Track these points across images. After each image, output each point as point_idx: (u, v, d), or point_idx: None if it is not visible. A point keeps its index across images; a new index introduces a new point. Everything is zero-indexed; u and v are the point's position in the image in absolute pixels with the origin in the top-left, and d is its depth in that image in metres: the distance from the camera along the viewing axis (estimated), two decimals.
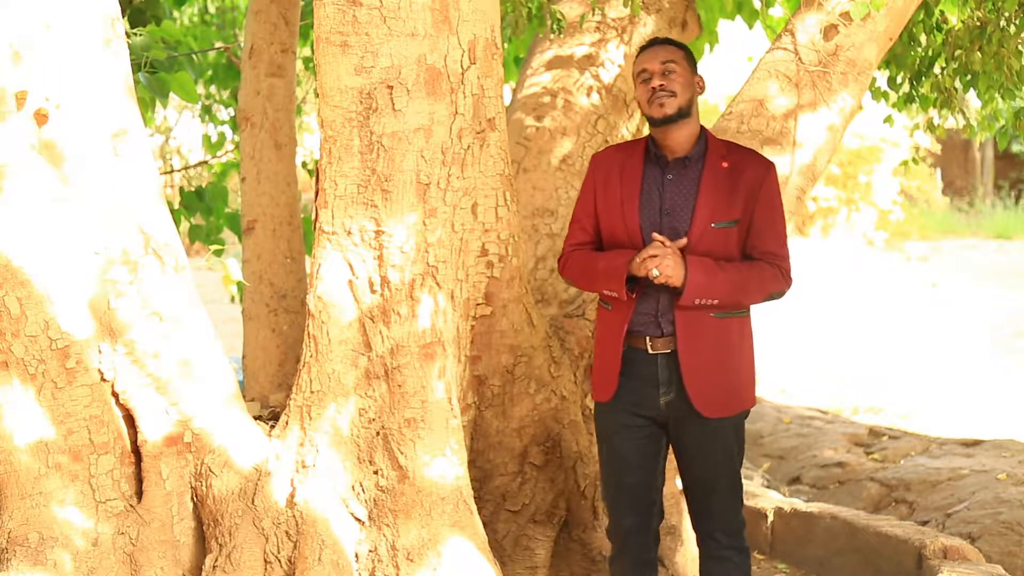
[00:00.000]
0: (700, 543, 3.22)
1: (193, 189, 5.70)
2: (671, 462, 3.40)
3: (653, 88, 3.02)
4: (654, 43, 3.13)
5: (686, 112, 3.04)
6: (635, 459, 3.16)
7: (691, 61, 3.10)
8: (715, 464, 3.13)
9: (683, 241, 3.00)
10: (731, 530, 3.17)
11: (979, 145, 21.39)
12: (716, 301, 2.99)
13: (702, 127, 3.13)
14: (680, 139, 3.07)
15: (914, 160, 5.96)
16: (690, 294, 2.97)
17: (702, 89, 3.11)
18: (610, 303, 3.12)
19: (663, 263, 2.95)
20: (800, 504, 4.73)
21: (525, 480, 3.54)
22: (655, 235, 3.00)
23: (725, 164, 3.06)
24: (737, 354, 3.09)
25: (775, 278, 3.06)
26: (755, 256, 3.06)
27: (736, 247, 3.05)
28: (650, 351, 3.06)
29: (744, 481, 5.45)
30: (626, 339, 3.09)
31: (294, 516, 3.04)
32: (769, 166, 3.10)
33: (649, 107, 3.04)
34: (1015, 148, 20.24)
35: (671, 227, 3.04)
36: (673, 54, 3.07)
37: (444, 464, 3.05)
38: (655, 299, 3.05)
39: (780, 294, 3.10)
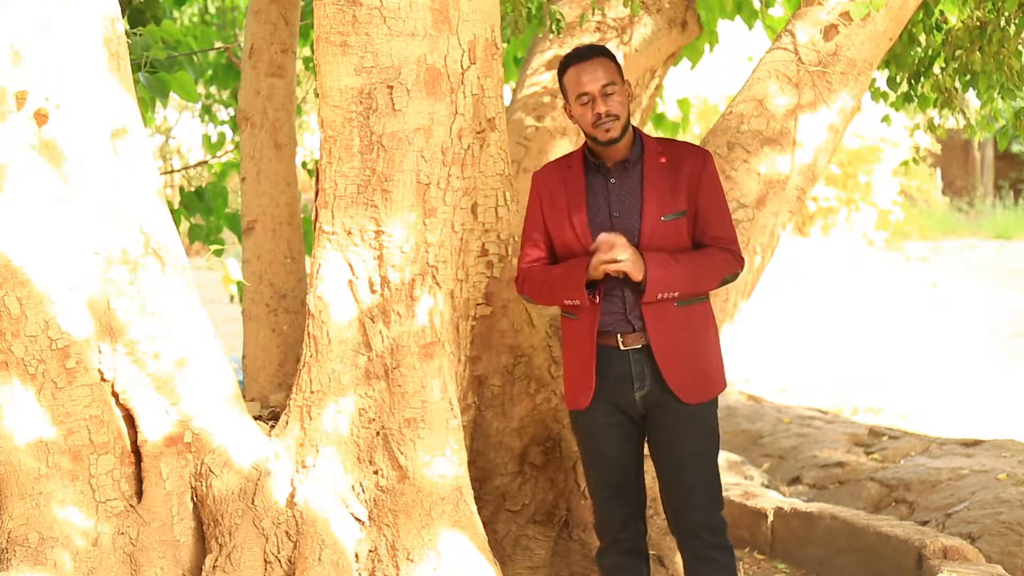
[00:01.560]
0: (682, 545, 3.19)
1: (193, 189, 5.70)
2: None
3: (598, 114, 3.06)
4: (584, 56, 3.11)
5: (626, 129, 3.11)
6: (620, 456, 3.18)
7: (621, 70, 3.15)
8: (693, 454, 3.13)
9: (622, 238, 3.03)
10: (714, 527, 3.15)
11: (979, 145, 21.43)
12: (677, 293, 3.05)
13: (633, 128, 3.17)
14: (619, 147, 3.13)
15: (914, 160, 5.96)
16: (652, 289, 3.02)
17: (632, 96, 3.16)
18: (575, 312, 3.12)
19: (618, 252, 2.98)
20: (800, 504, 4.73)
21: (525, 480, 3.54)
22: (602, 234, 3.03)
23: (663, 159, 3.13)
24: (704, 339, 3.15)
25: (727, 262, 3.13)
26: (705, 242, 3.13)
27: (687, 237, 3.12)
28: (622, 347, 3.08)
29: (744, 481, 5.47)
30: (596, 340, 3.10)
31: (294, 516, 3.04)
32: (706, 155, 3.17)
33: (594, 130, 3.08)
34: (1015, 148, 20.23)
35: (623, 227, 3.08)
36: (610, 73, 3.08)
37: (444, 464, 3.05)
38: (621, 298, 3.08)
39: (734, 276, 3.18)
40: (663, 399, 3.09)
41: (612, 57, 3.14)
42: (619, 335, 3.08)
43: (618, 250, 2.99)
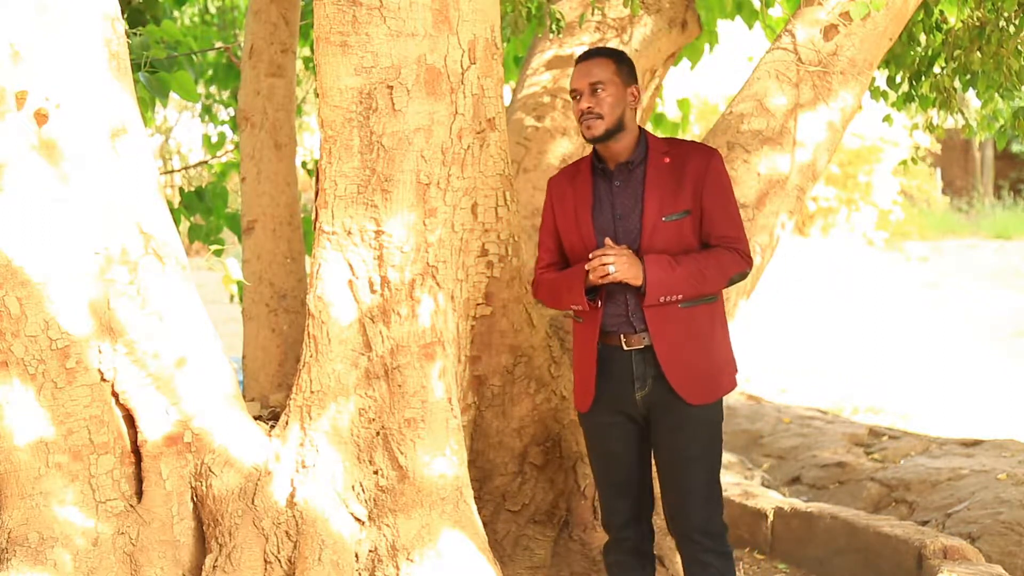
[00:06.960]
0: (680, 547, 3.19)
1: (193, 189, 5.70)
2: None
3: (581, 110, 3.07)
4: (587, 56, 3.13)
5: (616, 130, 3.08)
6: (623, 455, 3.18)
7: (625, 74, 3.11)
8: (692, 457, 3.11)
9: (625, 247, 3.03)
10: (710, 531, 3.12)
11: (979, 145, 21.43)
12: (680, 296, 3.03)
13: (641, 129, 3.16)
14: (618, 149, 3.12)
15: (914, 160, 5.96)
16: (652, 293, 3.01)
17: (636, 100, 3.13)
18: (581, 316, 3.15)
19: (617, 260, 2.99)
20: (800, 504, 4.73)
21: (525, 480, 3.55)
22: (607, 240, 3.05)
23: (667, 160, 3.11)
24: (709, 340, 3.12)
25: (734, 261, 3.10)
26: (712, 242, 3.11)
27: (693, 237, 3.09)
28: (625, 347, 3.09)
29: (744, 481, 5.47)
30: (601, 339, 3.12)
31: (294, 516, 3.04)
32: (711, 154, 3.14)
33: (580, 127, 3.11)
34: (1015, 148, 20.24)
35: (625, 229, 3.09)
36: (603, 72, 3.07)
37: (444, 464, 3.05)
38: (623, 301, 3.08)
39: (742, 276, 3.14)
40: (666, 399, 3.08)
41: (617, 59, 3.11)
42: (622, 335, 3.09)
43: (607, 259, 2.98)
